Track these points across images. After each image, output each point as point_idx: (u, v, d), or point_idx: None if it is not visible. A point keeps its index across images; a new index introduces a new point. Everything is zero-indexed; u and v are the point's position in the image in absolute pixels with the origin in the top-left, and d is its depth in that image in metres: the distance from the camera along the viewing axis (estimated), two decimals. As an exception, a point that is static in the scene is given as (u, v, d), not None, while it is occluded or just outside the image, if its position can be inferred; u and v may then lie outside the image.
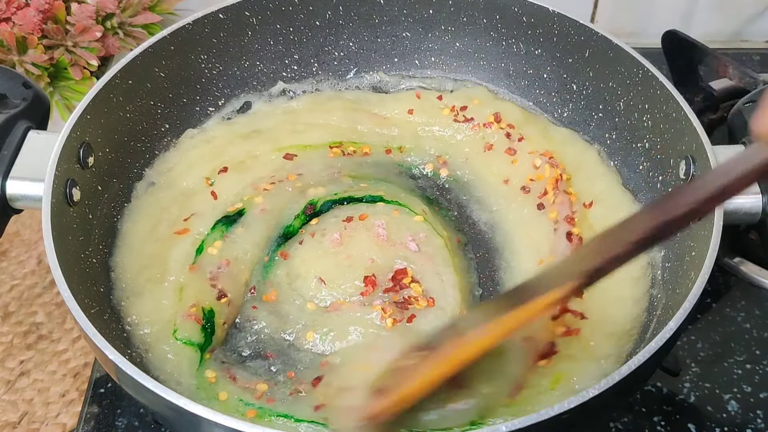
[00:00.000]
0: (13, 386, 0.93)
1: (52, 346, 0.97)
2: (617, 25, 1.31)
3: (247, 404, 0.74)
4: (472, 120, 0.98)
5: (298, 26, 1.01)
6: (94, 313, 0.71)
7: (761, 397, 0.85)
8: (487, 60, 1.04)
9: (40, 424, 0.90)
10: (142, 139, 0.92)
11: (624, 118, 0.92)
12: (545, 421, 0.57)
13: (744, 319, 0.92)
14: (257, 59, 1.01)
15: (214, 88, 0.99)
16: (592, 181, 0.93)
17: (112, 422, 0.83)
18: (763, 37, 1.35)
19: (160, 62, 0.91)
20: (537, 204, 0.91)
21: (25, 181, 0.77)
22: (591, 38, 0.92)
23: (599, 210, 0.90)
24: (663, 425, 0.83)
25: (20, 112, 0.82)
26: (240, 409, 0.73)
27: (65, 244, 0.73)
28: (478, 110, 0.99)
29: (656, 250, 0.84)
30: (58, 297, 0.99)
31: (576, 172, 0.94)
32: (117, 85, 0.85)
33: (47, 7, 1.06)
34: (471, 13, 1.01)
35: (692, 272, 0.71)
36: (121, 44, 1.12)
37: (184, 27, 0.92)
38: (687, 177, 0.80)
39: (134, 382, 0.61)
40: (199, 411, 0.58)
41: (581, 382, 0.73)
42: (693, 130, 0.78)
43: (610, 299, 0.81)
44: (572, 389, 0.73)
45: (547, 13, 0.95)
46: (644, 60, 0.86)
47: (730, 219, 0.75)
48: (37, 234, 1.08)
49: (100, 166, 0.83)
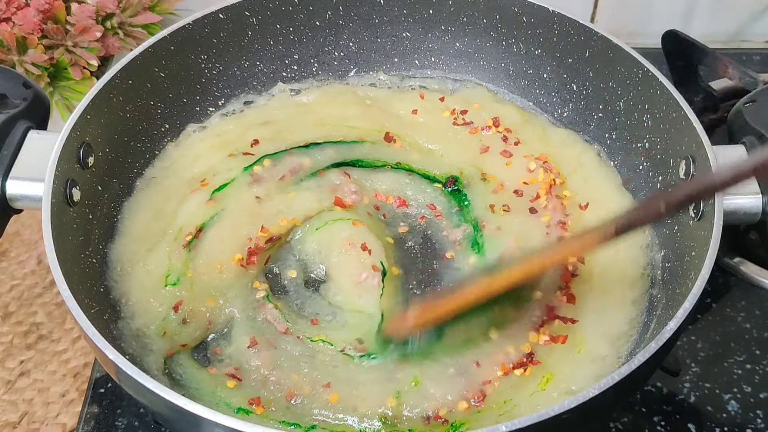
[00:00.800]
0: (13, 386, 0.93)
1: (52, 346, 0.97)
2: (617, 25, 1.31)
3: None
4: (471, 124, 0.99)
5: (298, 26, 1.01)
6: (94, 313, 0.71)
7: (761, 397, 0.85)
8: (487, 60, 1.04)
9: (40, 424, 0.90)
10: (142, 139, 0.92)
11: (624, 118, 0.92)
12: (545, 421, 0.57)
13: (744, 319, 0.92)
14: (257, 59, 1.01)
15: (214, 88, 0.99)
16: (591, 182, 0.93)
17: (112, 422, 0.83)
18: (763, 37, 1.35)
19: (160, 62, 0.91)
20: (529, 208, 0.91)
21: (25, 181, 0.77)
22: (591, 38, 0.92)
23: (595, 213, 0.90)
24: (663, 425, 0.83)
25: (20, 112, 0.82)
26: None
27: (65, 244, 0.73)
28: (478, 114, 0.99)
29: (656, 250, 0.84)
30: (58, 297, 0.99)
31: (575, 173, 0.94)
32: (117, 85, 0.85)
33: (47, 7, 1.06)
34: (471, 13, 1.01)
35: (692, 272, 0.71)
36: (121, 44, 1.12)
37: (184, 27, 0.92)
38: (687, 177, 0.80)
39: (134, 382, 0.61)
40: (199, 411, 0.58)
41: (576, 383, 0.74)
42: (693, 130, 0.78)
43: (608, 300, 0.81)
44: (566, 390, 0.73)
45: (547, 13, 0.95)
46: (644, 60, 0.86)
47: (730, 219, 0.75)
48: (37, 234, 1.08)
49: (100, 166, 0.83)
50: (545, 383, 0.75)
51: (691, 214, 0.78)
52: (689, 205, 0.76)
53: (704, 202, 0.74)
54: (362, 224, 0.88)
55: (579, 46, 0.94)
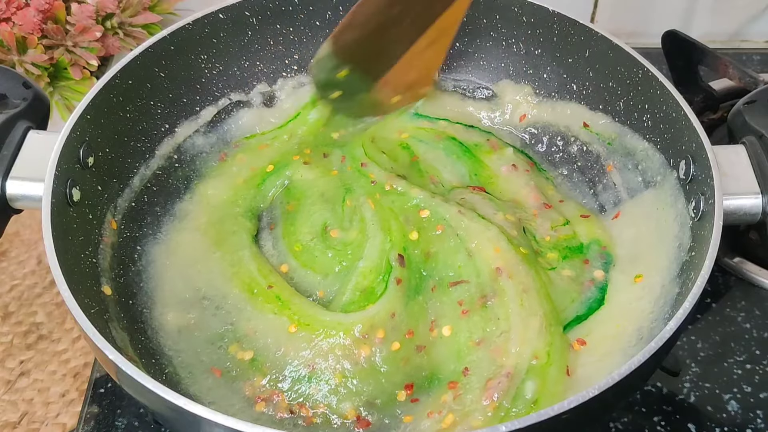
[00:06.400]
0: (13, 386, 0.93)
1: (52, 346, 0.97)
2: (617, 25, 1.31)
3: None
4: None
5: (298, 26, 1.01)
6: (94, 313, 0.71)
7: (761, 397, 0.85)
8: (487, 60, 1.04)
9: (40, 424, 0.90)
10: (142, 139, 0.92)
11: (624, 118, 0.92)
12: (545, 421, 0.57)
13: (744, 319, 0.92)
14: (257, 59, 1.01)
15: (214, 88, 0.99)
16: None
17: (112, 422, 0.83)
18: (763, 37, 1.36)
19: (160, 62, 0.91)
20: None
21: (25, 181, 0.77)
22: (591, 38, 0.92)
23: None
24: (663, 425, 0.83)
25: (20, 112, 0.82)
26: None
27: (65, 244, 0.73)
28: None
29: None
30: (58, 297, 0.99)
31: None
32: (117, 85, 0.85)
33: (47, 7, 1.06)
34: (471, 13, 1.00)
35: (692, 272, 0.71)
36: (121, 44, 1.13)
37: (184, 27, 0.92)
38: (687, 177, 0.80)
39: (134, 382, 0.61)
40: (199, 411, 0.58)
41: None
42: (693, 130, 0.78)
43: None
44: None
45: (547, 13, 0.95)
46: (644, 60, 0.86)
47: (730, 219, 0.75)
48: (37, 234, 1.08)
49: (100, 166, 0.83)
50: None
51: (691, 214, 0.78)
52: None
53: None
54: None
55: (579, 46, 0.94)
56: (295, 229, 0.89)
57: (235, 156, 0.97)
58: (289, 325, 0.78)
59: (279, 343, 0.77)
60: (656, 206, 0.84)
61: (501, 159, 0.96)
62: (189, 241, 0.88)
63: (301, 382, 0.75)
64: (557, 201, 0.93)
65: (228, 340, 0.79)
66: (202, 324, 0.81)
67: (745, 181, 0.78)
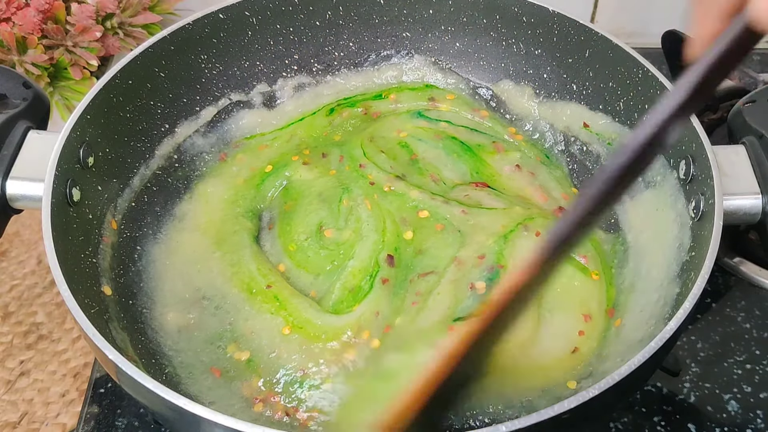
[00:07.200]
0: (13, 386, 0.93)
1: (52, 346, 0.97)
2: (617, 25, 1.31)
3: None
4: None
5: (298, 26, 1.01)
6: (94, 313, 0.71)
7: (761, 397, 0.85)
8: (487, 60, 1.04)
9: (40, 424, 0.90)
10: (142, 139, 0.92)
11: (624, 118, 0.92)
12: (545, 421, 0.57)
13: (744, 319, 0.92)
14: (257, 59, 1.01)
15: (214, 88, 0.99)
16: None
17: (112, 422, 0.83)
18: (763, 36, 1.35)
19: (160, 62, 0.91)
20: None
21: (25, 181, 0.77)
22: (591, 38, 0.92)
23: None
24: (663, 425, 0.83)
25: (20, 112, 0.82)
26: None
27: (65, 244, 0.73)
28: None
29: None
30: (58, 297, 0.99)
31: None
32: (117, 85, 0.85)
33: (47, 7, 1.06)
34: (471, 13, 1.01)
35: (692, 272, 0.71)
36: (121, 44, 1.12)
37: (184, 27, 0.92)
38: (687, 177, 0.80)
39: (134, 382, 0.61)
40: (199, 411, 0.58)
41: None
42: (693, 130, 0.78)
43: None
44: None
45: (547, 13, 0.95)
46: (644, 60, 0.86)
47: (730, 219, 0.75)
48: (37, 234, 1.08)
49: (100, 166, 0.83)
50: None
51: (691, 214, 0.78)
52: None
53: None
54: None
55: (579, 46, 0.94)
56: (290, 229, 0.89)
57: (235, 156, 0.97)
58: (283, 326, 0.78)
59: (273, 345, 0.78)
60: (656, 206, 0.84)
61: (504, 159, 0.96)
62: (189, 241, 0.88)
63: (294, 385, 0.75)
64: (563, 202, 0.93)
65: (226, 340, 0.79)
66: (201, 324, 0.81)
67: (745, 181, 0.78)
